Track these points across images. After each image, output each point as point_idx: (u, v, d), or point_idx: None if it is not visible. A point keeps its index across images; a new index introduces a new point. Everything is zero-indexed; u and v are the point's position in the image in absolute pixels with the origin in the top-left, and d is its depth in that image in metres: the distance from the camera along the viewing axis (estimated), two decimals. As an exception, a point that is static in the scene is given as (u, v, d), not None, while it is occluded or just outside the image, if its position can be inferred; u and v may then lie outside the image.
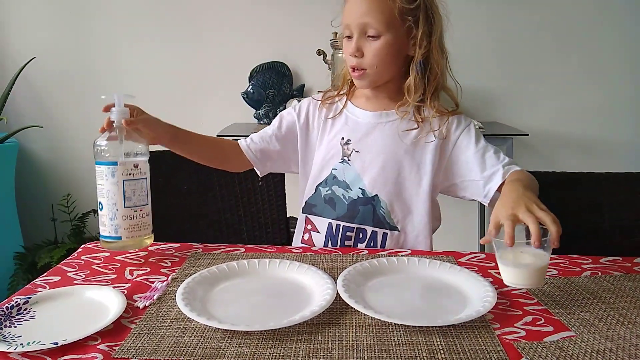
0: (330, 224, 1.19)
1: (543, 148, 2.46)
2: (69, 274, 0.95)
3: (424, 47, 1.09)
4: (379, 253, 1.04)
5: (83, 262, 1.01)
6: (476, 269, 0.97)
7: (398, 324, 0.76)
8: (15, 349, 0.68)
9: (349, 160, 1.18)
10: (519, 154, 2.31)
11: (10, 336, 0.72)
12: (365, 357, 0.69)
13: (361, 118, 1.20)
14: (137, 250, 1.04)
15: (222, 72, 2.48)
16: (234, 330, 0.73)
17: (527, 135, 2.18)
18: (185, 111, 2.48)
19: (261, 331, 0.73)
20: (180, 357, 0.68)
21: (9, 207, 2.36)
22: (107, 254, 1.05)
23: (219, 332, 0.74)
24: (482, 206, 2.54)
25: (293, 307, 0.80)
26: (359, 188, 1.17)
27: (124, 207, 0.97)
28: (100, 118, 1.00)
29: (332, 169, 1.20)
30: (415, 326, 0.75)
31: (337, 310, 0.80)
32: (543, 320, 0.78)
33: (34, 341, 0.70)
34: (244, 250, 1.06)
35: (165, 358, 0.68)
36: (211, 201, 1.53)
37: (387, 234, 1.16)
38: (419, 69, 1.11)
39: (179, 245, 1.09)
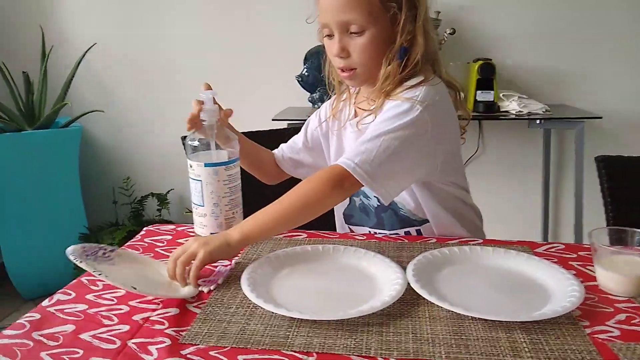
0: (369, 232, 1.14)
1: (617, 132, 2.30)
2: (133, 256, 0.95)
3: (407, 32, 0.97)
4: (449, 242, 0.98)
5: (146, 244, 1.01)
6: (556, 260, 0.90)
7: (476, 318, 0.70)
8: (99, 275, 0.74)
9: None
10: (591, 139, 2.17)
11: (94, 269, 0.77)
12: (443, 353, 0.64)
13: (353, 126, 1.09)
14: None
15: (276, 55, 2.46)
16: (302, 319, 0.70)
17: (601, 118, 2.04)
18: (239, 96, 2.48)
19: (330, 320, 0.70)
20: (248, 346, 0.66)
21: (73, 190, 2.44)
22: (169, 237, 1.05)
23: (286, 320, 0.71)
24: (545, 198, 2.42)
25: (361, 296, 0.76)
26: (374, 196, 1.09)
27: (225, 205, 0.96)
28: (161, 104, 0.99)
29: None
30: (495, 321, 0.69)
31: (408, 301, 0.76)
32: (639, 319, 0.71)
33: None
34: (305, 235, 1.03)
35: (232, 346, 0.66)
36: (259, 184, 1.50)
37: (420, 229, 1.10)
38: (401, 55, 0.98)
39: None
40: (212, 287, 0.81)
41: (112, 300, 0.79)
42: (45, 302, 0.78)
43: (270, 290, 0.79)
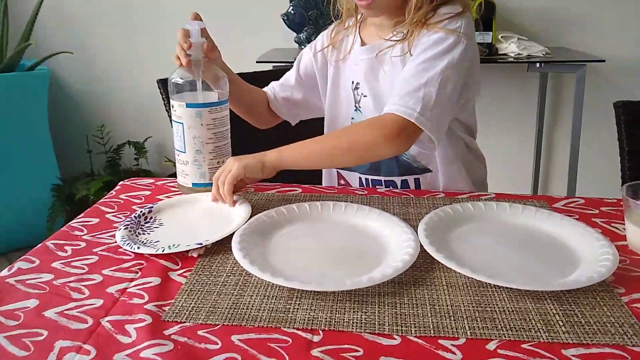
0: (360, 179, 1.05)
1: (618, 78, 2.20)
2: (107, 215, 0.84)
3: None
4: (459, 196, 0.89)
5: (122, 201, 0.90)
6: (577, 217, 0.82)
7: (500, 287, 0.62)
8: (163, 251, 0.70)
9: (360, 107, 1.01)
10: (592, 83, 2.07)
11: (149, 242, 0.74)
12: (467, 328, 0.56)
13: (361, 55, 0.99)
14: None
15: (259, -8, 2.27)
16: (304, 290, 0.61)
17: (604, 61, 1.94)
18: (221, 37, 2.30)
19: (336, 291, 0.61)
20: (242, 323, 0.57)
21: (43, 138, 2.28)
22: (147, 192, 0.94)
23: (285, 290, 0.62)
24: (538, 146, 2.34)
25: (370, 262, 0.67)
26: None
27: (209, 153, 0.87)
28: (134, 43, 0.86)
29: (351, 119, 1.03)
30: (522, 290, 0.61)
31: (423, 266, 0.67)
32: (680, 285, 0.64)
33: (174, 244, 0.71)
34: (300, 190, 0.93)
35: (224, 323, 0.57)
36: (245, 131, 1.38)
37: (418, 179, 1.01)
38: None
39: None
40: (201, 252, 0.71)
41: (83, 269, 0.68)
42: (3, 272, 0.67)
43: (266, 255, 0.69)
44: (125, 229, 0.77)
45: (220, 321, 0.57)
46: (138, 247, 0.71)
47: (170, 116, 0.87)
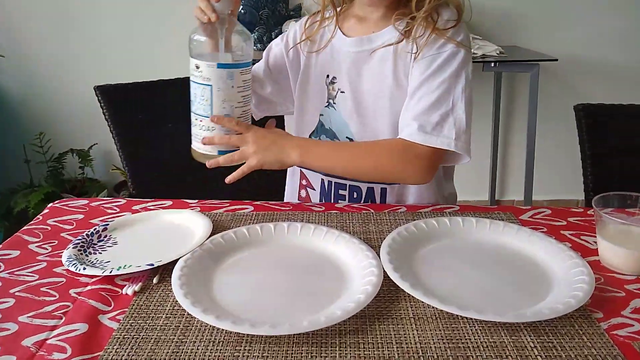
0: (322, 181, 0.97)
1: (573, 75, 2.22)
2: (30, 247, 0.74)
3: None
4: (422, 210, 0.84)
5: (49, 227, 0.80)
6: (545, 229, 0.77)
7: (472, 319, 0.57)
8: (110, 272, 0.64)
9: (334, 103, 0.93)
10: (545, 82, 2.08)
11: (99, 262, 0.68)
12: (439, 370, 0.50)
13: (345, 47, 0.92)
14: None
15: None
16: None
17: (557, 60, 1.94)
18: (165, 37, 2.18)
19: (291, 334, 0.54)
20: (184, 378, 0.49)
21: (-25, 148, 2.11)
22: (80, 216, 0.84)
23: (232, 334, 0.55)
24: (494, 146, 2.34)
25: (328, 294, 0.60)
26: (347, 137, 0.92)
27: (238, 118, 0.80)
28: (71, 43, 0.75)
29: (320, 115, 0.96)
30: (497, 322, 0.56)
31: (387, 296, 0.61)
32: (658, 306, 0.60)
33: (125, 265, 0.66)
34: (252, 209, 0.85)
35: (162, 379, 0.49)
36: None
37: (385, 189, 0.94)
38: None
39: (170, 202, 0.88)
40: (136, 288, 0.63)
41: (-5, 316, 0.58)
42: None
43: (211, 292, 0.61)
44: (74, 247, 0.70)
45: (157, 377, 0.49)
46: (84, 268, 0.65)
47: (191, 77, 0.78)
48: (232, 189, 1.33)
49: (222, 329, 0.55)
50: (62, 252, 0.70)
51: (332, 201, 0.95)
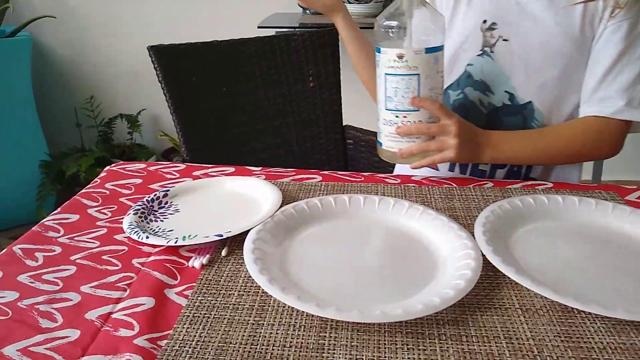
0: None
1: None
2: (89, 211, 0.70)
3: None
4: (511, 186, 0.75)
5: (107, 192, 0.76)
6: (658, 212, 0.67)
7: (592, 315, 0.48)
8: (176, 243, 0.59)
9: (492, 52, 0.83)
10: None
11: (161, 230, 0.63)
12: (560, 374, 0.42)
13: None
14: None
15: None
16: (341, 320, 0.47)
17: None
18: (218, 1, 2.11)
19: (383, 323, 0.47)
20: (264, 367, 0.43)
21: (29, 111, 2.11)
22: (138, 180, 0.79)
23: (315, 318, 0.48)
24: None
25: (420, 278, 0.53)
26: (506, 92, 0.83)
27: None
28: (129, 5, 0.69)
29: (467, 65, 0.86)
30: (623, 320, 0.47)
31: (485, 282, 0.53)
32: None
33: (190, 235, 0.60)
34: (320, 179, 0.78)
35: (240, 367, 0.43)
36: (252, 105, 1.23)
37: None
38: None
39: (232, 169, 0.82)
40: (204, 261, 0.57)
41: (56, 284, 0.54)
42: (-44, 288, 0.53)
43: (286, 269, 0.55)
44: (135, 214, 0.66)
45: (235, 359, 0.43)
46: (147, 237, 0.60)
47: (385, 71, 0.70)
48: (293, 159, 1.28)
49: (302, 312, 0.48)
50: (122, 219, 0.66)
51: (469, 172, 0.87)
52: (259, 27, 1.80)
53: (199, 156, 1.11)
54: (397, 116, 0.71)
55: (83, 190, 0.76)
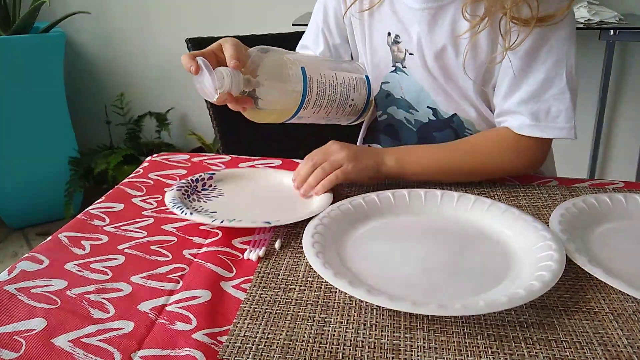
0: None
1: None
2: (134, 200, 0.67)
3: None
4: (578, 185, 0.70)
5: (151, 181, 0.73)
6: None
7: (696, 319, 0.44)
8: (222, 223, 0.56)
9: (404, 67, 0.77)
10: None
11: (204, 210, 0.61)
12: (670, 387, 0.38)
13: (410, 3, 0.73)
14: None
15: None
16: (415, 315, 0.43)
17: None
18: (252, 2, 2.09)
19: (460, 317, 0.43)
20: (337, 367, 0.39)
21: (59, 107, 2.11)
22: (183, 172, 0.76)
23: (386, 314, 0.44)
24: (599, 120, 2.11)
25: (497, 275, 0.49)
26: (428, 107, 0.77)
27: None
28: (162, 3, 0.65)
29: (382, 83, 0.80)
30: None
31: (567, 283, 0.49)
32: None
33: (235, 219, 0.57)
34: (372, 172, 0.74)
35: (311, 366, 0.39)
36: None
37: None
38: None
39: (279, 161, 0.79)
40: (260, 253, 0.54)
41: (105, 274, 0.51)
42: (2, 276, 0.51)
43: (347, 263, 0.51)
44: (178, 190, 0.64)
45: (304, 357, 0.40)
46: (191, 213, 0.58)
47: None
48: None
49: (372, 310, 0.45)
50: (168, 209, 0.63)
51: None
52: (293, 25, 1.78)
53: (236, 152, 1.08)
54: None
55: (126, 180, 0.73)
